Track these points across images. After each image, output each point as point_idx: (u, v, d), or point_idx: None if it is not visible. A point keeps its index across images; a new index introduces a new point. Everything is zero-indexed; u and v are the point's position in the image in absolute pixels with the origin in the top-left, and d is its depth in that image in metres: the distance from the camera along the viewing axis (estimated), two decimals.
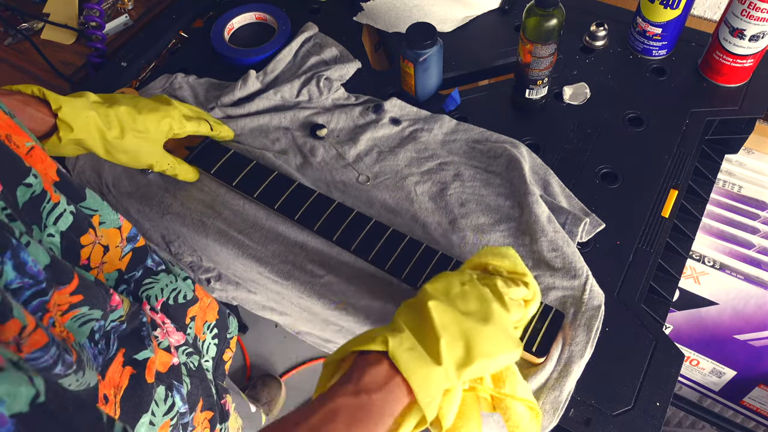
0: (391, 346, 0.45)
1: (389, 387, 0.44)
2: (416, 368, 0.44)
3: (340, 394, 0.43)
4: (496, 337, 0.48)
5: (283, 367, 1.59)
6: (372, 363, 0.45)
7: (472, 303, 0.50)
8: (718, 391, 1.22)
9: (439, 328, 0.46)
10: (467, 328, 0.47)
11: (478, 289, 0.51)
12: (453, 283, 0.51)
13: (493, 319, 0.49)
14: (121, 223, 0.55)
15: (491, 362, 0.47)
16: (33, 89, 0.62)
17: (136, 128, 0.68)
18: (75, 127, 0.63)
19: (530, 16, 0.74)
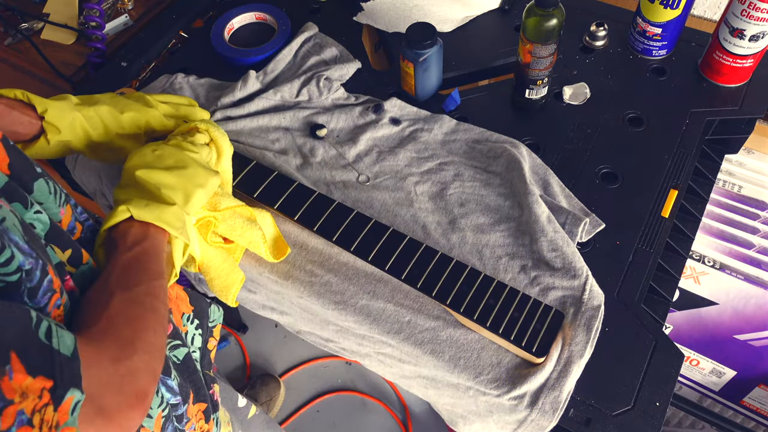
0: (133, 210, 0.54)
1: (149, 234, 0.54)
2: (158, 213, 0.55)
3: (119, 255, 0.51)
4: (199, 173, 0.61)
5: (283, 367, 1.59)
6: (126, 228, 0.54)
7: (169, 160, 0.61)
8: (718, 391, 1.22)
9: (155, 184, 0.58)
10: (177, 178, 0.59)
11: (167, 148, 0.63)
12: (145, 152, 0.62)
13: (191, 162, 0.62)
14: (62, 216, 0.55)
15: (203, 191, 0.61)
16: (16, 93, 0.62)
17: (119, 128, 0.69)
18: (62, 129, 0.64)
19: (530, 16, 0.74)
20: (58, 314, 0.43)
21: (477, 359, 0.65)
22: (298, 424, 1.51)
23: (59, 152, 0.67)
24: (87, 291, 0.48)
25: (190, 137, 0.68)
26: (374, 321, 0.69)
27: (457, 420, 0.73)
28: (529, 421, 0.62)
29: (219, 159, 0.71)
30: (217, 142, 0.70)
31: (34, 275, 0.40)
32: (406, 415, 1.49)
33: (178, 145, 0.65)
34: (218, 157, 0.70)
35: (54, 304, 0.42)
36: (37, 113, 0.63)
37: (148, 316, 0.48)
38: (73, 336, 0.38)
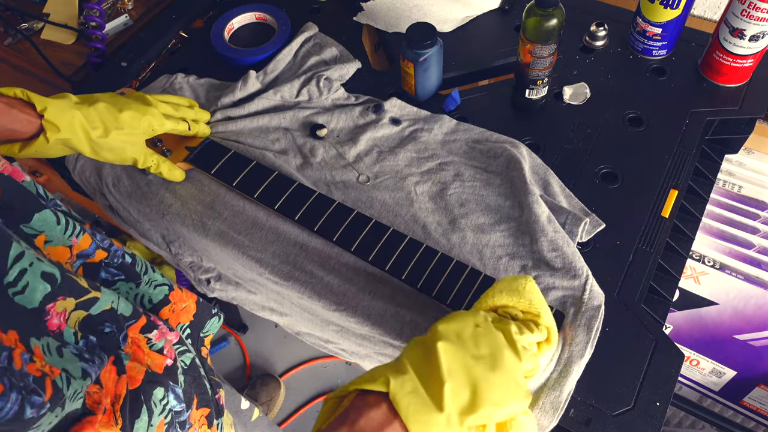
0: (392, 387, 0.42)
1: (388, 429, 0.42)
2: (417, 414, 0.42)
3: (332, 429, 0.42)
4: (505, 386, 0.45)
5: (283, 367, 1.59)
6: (371, 404, 0.43)
7: (484, 348, 0.47)
8: (718, 391, 1.22)
9: (445, 372, 0.44)
10: (476, 374, 0.45)
11: (491, 334, 0.48)
12: (467, 324, 0.48)
13: (503, 367, 0.46)
14: (72, 243, 0.55)
15: (497, 411, 0.45)
16: (16, 92, 0.62)
17: (118, 127, 0.69)
18: (61, 127, 0.64)
19: (530, 16, 0.74)
20: (40, 366, 0.42)
21: None
22: (298, 424, 1.51)
23: (59, 151, 0.67)
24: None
25: (526, 328, 0.52)
26: (375, 321, 0.69)
27: None
28: None
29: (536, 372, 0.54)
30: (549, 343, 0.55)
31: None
32: None
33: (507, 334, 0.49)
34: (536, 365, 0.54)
35: (22, 361, 0.41)
36: (37, 111, 0.63)
37: None
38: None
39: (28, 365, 0.41)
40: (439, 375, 0.43)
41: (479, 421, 0.44)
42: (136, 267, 0.70)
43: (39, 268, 0.46)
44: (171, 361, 0.60)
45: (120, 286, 0.66)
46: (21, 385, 0.39)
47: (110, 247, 0.66)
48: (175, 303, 0.72)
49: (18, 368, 0.40)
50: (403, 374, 0.44)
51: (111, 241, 0.67)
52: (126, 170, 0.82)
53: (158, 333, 0.60)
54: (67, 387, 0.44)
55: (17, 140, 0.64)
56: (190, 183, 0.81)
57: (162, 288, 0.71)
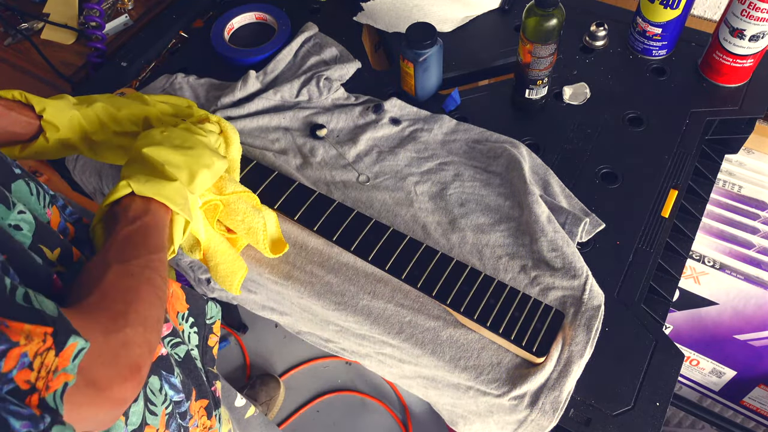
0: (134, 185, 0.54)
1: (150, 209, 0.54)
2: (160, 188, 0.55)
3: (119, 229, 0.51)
4: (205, 154, 0.62)
5: (283, 367, 1.59)
6: (128, 203, 0.54)
7: (176, 140, 0.62)
8: (718, 391, 1.22)
9: (159, 160, 0.58)
10: (183, 156, 0.60)
11: (176, 130, 0.64)
12: (153, 133, 0.62)
13: (198, 143, 0.63)
14: (49, 217, 0.55)
15: (209, 172, 0.61)
16: (14, 94, 0.62)
17: (116, 126, 0.69)
18: (61, 127, 0.64)
19: (530, 16, 0.74)
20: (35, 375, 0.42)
21: (477, 359, 0.65)
22: (298, 424, 1.51)
23: (59, 151, 0.67)
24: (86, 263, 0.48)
25: (200, 124, 0.69)
26: (375, 321, 0.69)
27: (457, 420, 0.73)
28: (530, 421, 0.62)
29: (228, 148, 0.71)
30: (226, 132, 0.71)
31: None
32: (406, 415, 1.49)
33: (187, 128, 0.65)
34: (227, 146, 0.71)
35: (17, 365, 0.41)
36: (35, 113, 0.63)
37: (144, 288, 0.47)
38: (55, 303, 0.37)
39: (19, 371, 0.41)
40: (157, 164, 0.58)
41: (202, 184, 0.61)
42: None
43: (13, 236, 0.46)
44: (165, 351, 0.59)
45: None
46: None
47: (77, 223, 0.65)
48: None
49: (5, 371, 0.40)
50: (135, 174, 0.56)
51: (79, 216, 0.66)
52: None
53: None
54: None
55: (17, 142, 0.64)
56: None
57: None
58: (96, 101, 0.69)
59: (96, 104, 0.68)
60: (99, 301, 0.44)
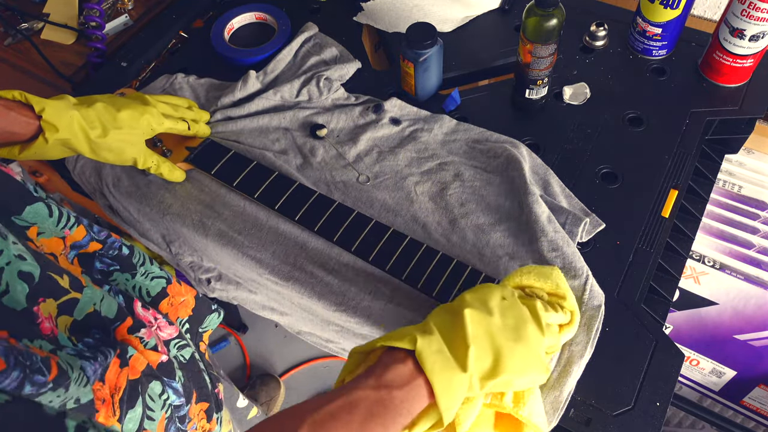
0: (419, 345, 0.44)
1: (411, 386, 0.43)
2: (441, 371, 0.44)
3: (362, 386, 0.43)
4: (526, 357, 0.48)
5: (283, 367, 1.59)
6: (397, 360, 0.45)
7: (509, 319, 0.49)
8: (718, 391, 1.22)
9: (470, 336, 0.46)
10: (499, 343, 0.47)
11: (517, 307, 0.51)
12: (493, 295, 0.51)
13: (527, 339, 0.48)
14: (66, 234, 0.55)
15: (517, 380, 0.47)
16: (14, 94, 0.62)
17: (116, 126, 0.69)
18: (60, 127, 0.64)
19: (530, 16, 0.74)
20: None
21: None
22: None
23: (59, 152, 0.67)
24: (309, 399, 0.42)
25: (552, 307, 0.55)
26: (375, 322, 0.69)
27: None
28: None
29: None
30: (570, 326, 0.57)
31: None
32: None
33: (533, 311, 0.52)
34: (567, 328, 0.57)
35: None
36: (35, 113, 0.63)
37: None
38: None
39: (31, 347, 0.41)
40: (464, 338, 0.46)
41: (499, 387, 0.47)
42: (133, 258, 0.70)
43: (17, 267, 0.46)
44: (166, 357, 0.60)
45: (117, 277, 0.66)
46: (27, 363, 0.39)
47: (107, 239, 0.66)
48: (173, 296, 0.72)
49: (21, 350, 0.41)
50: (429, 335, 0.46)
51: (109, 233, 0.67)
52: (126, 170, 0.82)
53: (147, 331, 0.59)
54: (72, 371, 0.44)
55: (17, 142, 0.64)
56: (190, 183, 0.81)
57: (159, 280, 0.71)
58: (96, 101, 0.69)
59: (96, 104, 0.68)
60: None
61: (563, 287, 0.55)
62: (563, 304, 0.55)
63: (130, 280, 0.68)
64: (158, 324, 0.64)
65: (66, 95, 0.68)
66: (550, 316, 0.53)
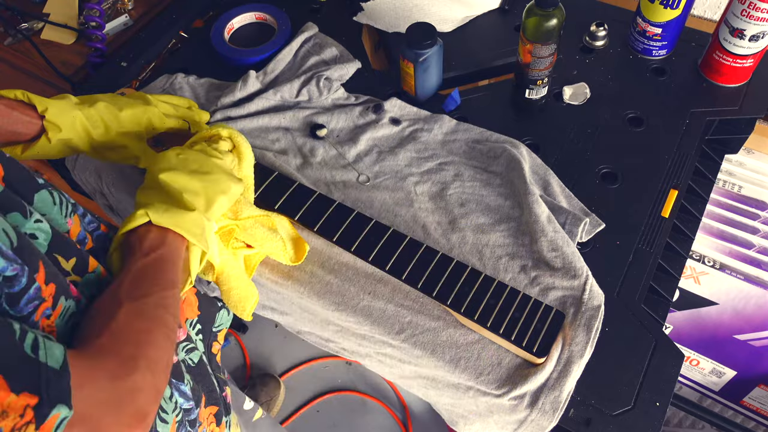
0: (152, 215, 0.53)
1: (167, 241, 0.53)
2: (178, 219, 0.54)
3: (133, 261, 0.50)
4: (222, 179, 0.61)
5: (283, 367, 1.59)
6: (144, 233, 0.53)
7: (193, 164, 0.60)
8: (718, 391, 1.22)
9: (177, 188, 0.57)
10: (200, 183, 0.59)
11: (192, 153, 0.62)
12: (169, 156, 0.61)
13: (215, 167, 0.61)
14: (69, 226, 0.55)
15: (226, 198, 0.60)
16: (16, 93, 0.62)
17: (119, 126, 0.69)
18: (63, 127, 0.64)
19: (530, 16, 0.74)
20: (47, 324, 0.42)
21: (477, 360, 0.65)
22: (298, 424, 1.51)
23: (61, 151, 0.67)
24: (97, 298, 0.47)
25: (214, 143, 0.67)
26: (375, 321, 0.69)
27: (457, 420, 0.73)
28: (530, 421, 0.62)
29: (240, 165, 0.69)
30: (239, 148, 0.69)
31: (18, 282, 0.38)
32: (406, 415, 1.49)
33: (203, 150, 0.64)
34: (239, 164, 0.69)
35: (42, 314, 0.41)
36: (38, 113, 0.63)
37: (156, 329, 0.46)
38: (63, 348, 0.36)
39: (43, 320, 0.41)
40: (175, 193, 0.57)
41: (219, 209, 0.59)
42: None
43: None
44: (176, 358, 0.59)
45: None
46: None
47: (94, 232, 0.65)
48: None
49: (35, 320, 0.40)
50: (153, 203, 0.56)
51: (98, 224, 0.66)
52: (126, 170, 0.82)
53: None
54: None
55: (19, 142, 0.64)
56: None
57: None
58: (98, 101, 0.69)
59: (98, 104, 0.68)
60: (108, 344, 0.43)
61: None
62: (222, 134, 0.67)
63: None
64: None
65: (68, 95, 0.68)
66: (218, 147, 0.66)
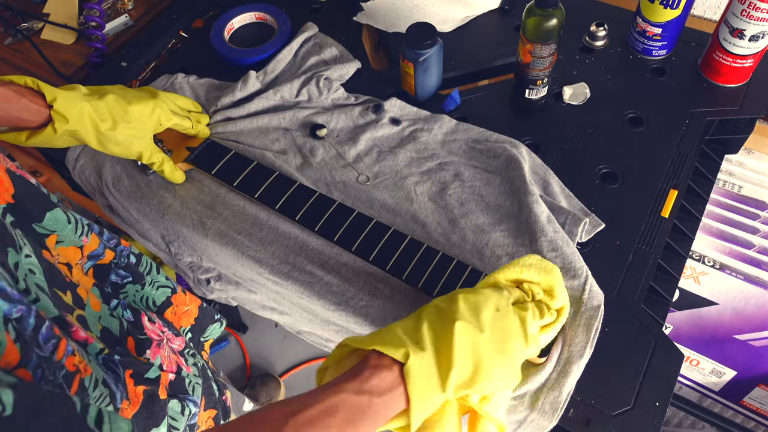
0: (411, 362, 0.45)
1: (392, 395, 0.44)
2: (422, 389, 0.45)
3: (345, 389, 0.43)
4: (505, 369, 0.48)
5: (283, 367, 1.59)
6: (383, 366, 0.45)
7: (497, 333, 0.49)
8: (718, 391, 1.22)
9: (456, 355, 0.46)
10: (482, 355, 0.47)
11: (508, 320, 0.50)
12: (489, 305, 0.50)
13: (511, 353, 0.49)
14: (84, 243, 0.55)
15: (490, 388, 0.47)
16: (26, 80, 0.62)
17: (126, 119, 0.69)
18: (70, 118, 0.64)
19: (530, 16, 0.74)
20: (77, 361, 0.41)
21: None
22: None
23: (66, 142, 0.67)
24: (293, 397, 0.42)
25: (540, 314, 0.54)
26: (374, 322, 0.69)
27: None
28: (529, 422, 0.62)
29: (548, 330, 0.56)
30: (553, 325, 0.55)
31: (27, 323, 0.37)
32: None
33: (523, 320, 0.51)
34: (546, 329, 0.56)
35: (65, 352, 0.39)
36: (46, 102, 0.63)
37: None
38: (131, 423, 0.34)
39: (68, 358, 0.40)
40: (450, 356, 0.46)
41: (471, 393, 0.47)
42: (140, 267, 0.70)
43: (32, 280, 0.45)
44: (174, 375, 0.59)
45: (128, 289, 0.66)
46: (51, 378, 0.38)
47: (116, 247, 0.65)
48: (177, 306, 0.72)
49: (58, 359, 0.38)
50: (422, 351, 0.46)
51: (118, 240, 0.66)
52: (126, 170, 0.82)
53: (152, 351, 0.59)
54: (94, 388, 0.43)
55: (25, 128, 0.64)
56: (190, 183, 0.81)
57: (164, 290, 0.71)
58: (108, 93, 0.69)
59: (108, 96, 0.68)
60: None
61: (559, 289, 0.55)
62: (551, 304, 0.54)
63: (140, 291, 0.67)
64: (166, 336, 0.63)
65: (78, 85, 0.68)
66: (537, 323, 0.53)
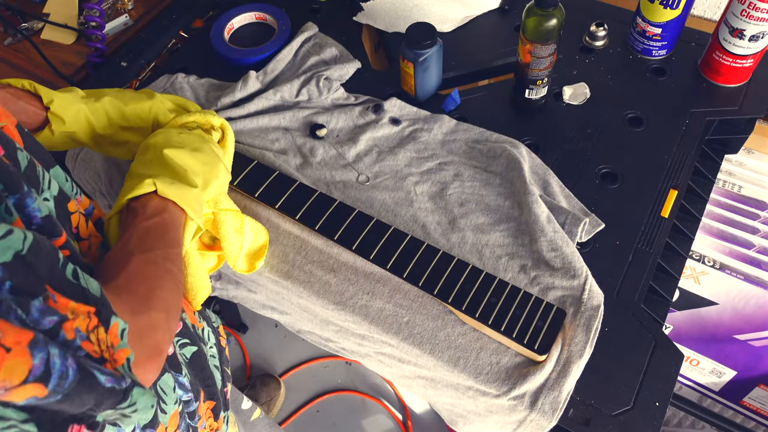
0: (159, 185, 0.55)
1: (168, 209, 0.55)
2: (183, 193, 0.57)
3: (137, 223, 0.52)
4: (218, 166, 0.64)
5: (283, 367, 1.59)
6: (147, 201, 0.55)
7: (193, 145, 0.63)
8: (718, 391, 1.22)
9: (181, 164, 0.60)
10: (200, 164, 0.61)
11: (191, 135, 0.65)
12: (171, 133, 0.64)
13: (211, 153, 0.64)
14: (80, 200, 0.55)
15: (218, 183, 0.63)
16: (24, 83, 0.62)
17: (123, 121, 0.69)
18: (67, 120, 0.64)
19: (530, 16, 0.74)
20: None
21: (476, 359, 0.65)
22: (298, 424, 1.51)
23: (64, 143, 0.67)
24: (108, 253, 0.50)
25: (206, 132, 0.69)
26: (373, 321, 0.69)
27: (457, 420, 0.73)
28: (529, 421, 0.62)
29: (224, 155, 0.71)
30: (225, 141, 0.71)
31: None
32: (406, 415, 1.49)
33: (201, 135, 0.66)
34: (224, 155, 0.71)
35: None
36: (43, 104, 0.63)
37: (165, 277, 0.49)
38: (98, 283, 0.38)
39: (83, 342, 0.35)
40: (180, 170, 0.59)
41: (212, 193, 0.62)
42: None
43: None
44: (171, 349, 0.59)
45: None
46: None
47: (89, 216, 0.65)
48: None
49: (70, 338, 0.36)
50: (160, 175, 0.58)
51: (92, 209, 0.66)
52: (125, 170, 0.82)
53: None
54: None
55: None
56: None
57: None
58: (104, 95, 0.69)
59: (104, 98, 0.68)
60: (125, 284, 0.45)
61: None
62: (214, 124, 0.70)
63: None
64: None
65: (75, 88, 0.68)
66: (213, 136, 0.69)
